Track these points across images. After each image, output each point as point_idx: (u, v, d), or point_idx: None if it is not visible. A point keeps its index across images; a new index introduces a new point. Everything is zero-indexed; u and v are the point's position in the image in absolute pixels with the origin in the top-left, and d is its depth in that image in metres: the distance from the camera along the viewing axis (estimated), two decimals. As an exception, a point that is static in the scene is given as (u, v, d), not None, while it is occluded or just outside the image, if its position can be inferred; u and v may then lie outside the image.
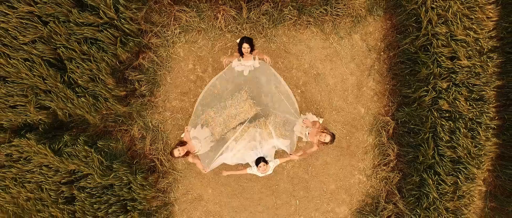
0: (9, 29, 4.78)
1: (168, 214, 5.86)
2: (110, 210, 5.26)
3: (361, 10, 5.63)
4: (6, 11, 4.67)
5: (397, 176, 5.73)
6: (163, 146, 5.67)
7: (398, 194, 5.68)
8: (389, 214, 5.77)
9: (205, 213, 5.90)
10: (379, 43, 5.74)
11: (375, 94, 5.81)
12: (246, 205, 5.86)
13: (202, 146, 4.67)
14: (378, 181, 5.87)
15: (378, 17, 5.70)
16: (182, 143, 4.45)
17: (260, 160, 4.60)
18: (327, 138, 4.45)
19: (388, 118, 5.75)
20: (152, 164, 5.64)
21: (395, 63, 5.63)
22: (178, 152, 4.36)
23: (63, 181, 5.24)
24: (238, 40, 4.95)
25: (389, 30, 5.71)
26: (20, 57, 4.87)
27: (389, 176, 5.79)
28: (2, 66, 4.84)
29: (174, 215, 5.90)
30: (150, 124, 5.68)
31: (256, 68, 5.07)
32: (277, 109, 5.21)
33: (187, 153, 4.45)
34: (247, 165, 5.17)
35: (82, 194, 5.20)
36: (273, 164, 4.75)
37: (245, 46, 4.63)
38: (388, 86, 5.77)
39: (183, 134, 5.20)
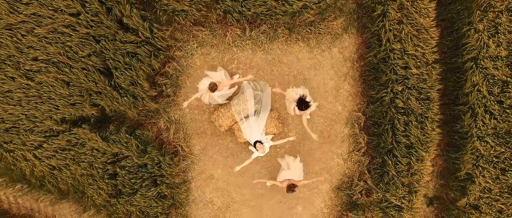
0: (72, 46, 5.80)
1: (186, 189, 6.89)
2: (144, 184, 6.29)
3: (338, 29, 6.55)
4: (71, 33, 5.76)
5: (367, 159, 6.73)
6: (183, 135, 6.72)
7: (367, 173, 6.72)
8: (361, 189, 6.78)
9: (215, 189, 6.96)
10: (352, 55, 6.71)
11: (350, 95, 6.80)
12: (248, 182, 6.88)
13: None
14: (352, 163, 6.91)
15: (351, 35, 6.62)
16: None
17: (256, 142, 5.78)
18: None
19: (359, 113, 6.73)
20: (175, 149, 6.68)
21: (365, 71, 6.63)
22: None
23: (108, 161, 6.26)
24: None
25: (360, 45, 6.67)
26: (79, 67, 5.88)
27: (361, 159, 6.80)
28: (66, 73, 5.88)
29: (191, 190, 6.93)
30: (173, 118, 6.69)
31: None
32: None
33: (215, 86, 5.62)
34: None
35: (122, 171, 6.23)
36: (267, 144, 5.86)
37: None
38: (359, 88, 6.75)
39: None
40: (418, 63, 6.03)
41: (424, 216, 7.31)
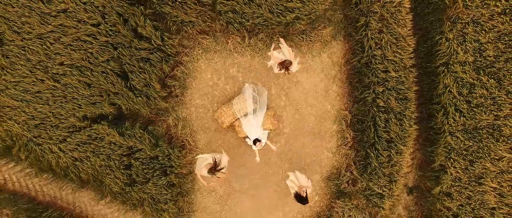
0: (93, 52, 6.42)
1: (192, 179, 7.50)
2: (155, 174, 6.85)
3: (327, 37, 7.05)
4: (92, 41, 6.43)
5: (353, 152, 7.32)
6: (190, 131, 7.33)
7: (353, 165, 7.32)
8: (347, 179, 7.36)
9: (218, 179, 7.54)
10: (340, 60, 7.24)
11: (338, 95, 7.28)
12: (247, 173, 7.38)
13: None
14: (340, 156, 7.48)
15: (339, 42, 7.12)
16: None
17: (256, 140, 6.50)
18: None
19: (346, 112, 7.21)
20: (183, 143, 7.28)
21: (351, 74, 7.24)
22: None
23: (124, 153, 6.78)
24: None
25: (347, 51, 7.23)
26: (99, 71, 6.44)
27: (348, 153, 7.38)
28: (88, 76, 6.52)
29: (196, 180, 7.52)
30: (180, 116, 7.18)
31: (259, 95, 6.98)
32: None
33: None
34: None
35: (136, 162, 6.79)
36: (264, 141, 6.55)
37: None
38: (346, 90, 7.29)
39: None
40: (396, 67, 6.60)
41: (405, 204, 8.02)
